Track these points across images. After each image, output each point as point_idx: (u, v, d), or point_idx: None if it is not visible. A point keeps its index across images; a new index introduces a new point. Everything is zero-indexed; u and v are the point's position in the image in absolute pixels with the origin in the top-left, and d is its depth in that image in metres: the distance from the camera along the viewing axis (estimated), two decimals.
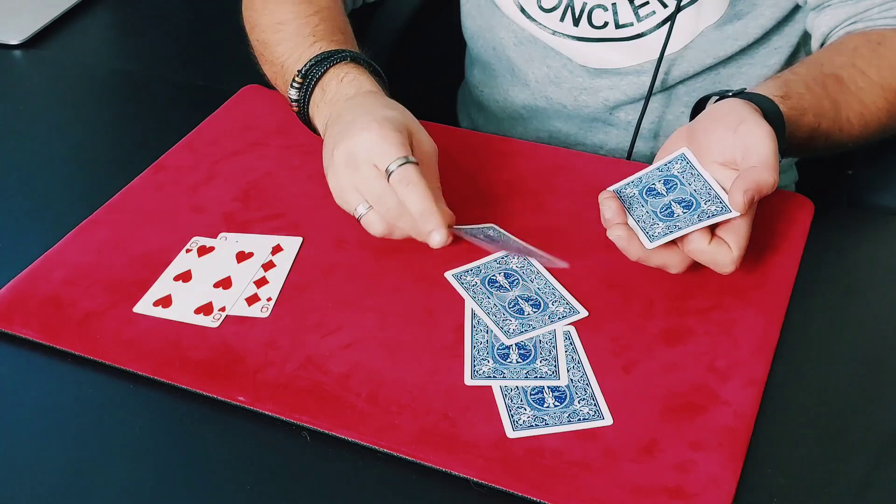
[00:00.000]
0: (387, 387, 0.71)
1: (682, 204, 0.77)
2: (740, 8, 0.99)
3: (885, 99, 0.91)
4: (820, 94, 0.88)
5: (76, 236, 0.86)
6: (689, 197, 0.77)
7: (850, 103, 0.90)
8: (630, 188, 0.80)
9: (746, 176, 0.74)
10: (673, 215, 0.77)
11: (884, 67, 0.92)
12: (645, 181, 0.80)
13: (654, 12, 1.00)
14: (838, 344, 0.75)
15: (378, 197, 0.78)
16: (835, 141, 0.90)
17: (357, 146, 0.78)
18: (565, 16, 1.03)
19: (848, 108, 0.89)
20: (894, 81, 0.92)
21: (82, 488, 0.67)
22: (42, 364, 0.76)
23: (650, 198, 0.78)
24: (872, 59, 0.92)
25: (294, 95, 0.90)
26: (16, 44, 1.17)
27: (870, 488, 0.65)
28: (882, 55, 0.92)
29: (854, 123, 0.90)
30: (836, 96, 0.89)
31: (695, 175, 0.78)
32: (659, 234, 0.76)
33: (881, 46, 0.93)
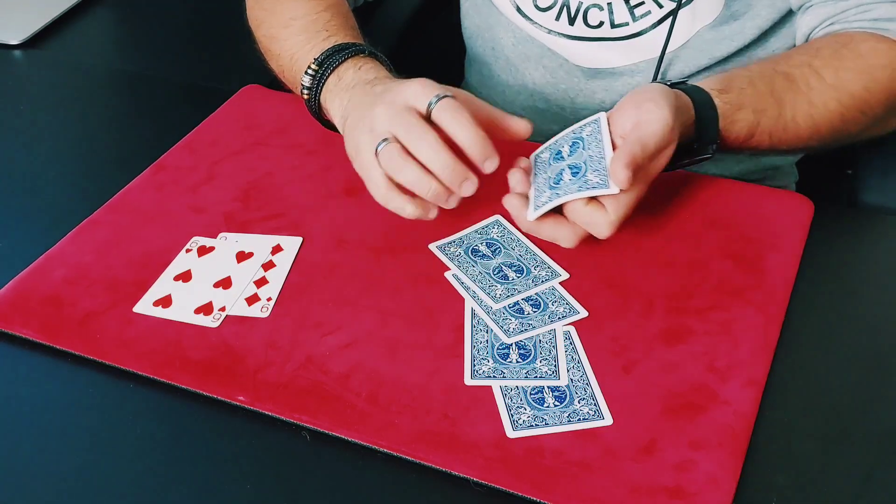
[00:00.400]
0: (387, 387, 0.71)
1: (573, 170, 0.75)
2: (736, 8, 0.99)
3: (838, 101, 0.88)
4: (763, 91, 0.87)
5: (76, 236, 0.86)
6: (582, 163, 0.75)
7: (797, 102, 0.88)
8: (546, 153, 0.79)
9: (625, 149, 0.74)
10: (560, 182, 0.75)
11: (841, 69, 0.89)
12: (557, 144, 0.79)
13: (649, 12, 1.00)
14: (838, 344, 0.75)
15: (409, 130, 0.75)
16: (780, 140, 0.89)
17: (397, 95, 0.78)
18: (560, 15, 1.04)
19: (794, 107, 0.88)
20: (851, 85, 0.89)
21: (82, 488, 0.67)
22: (42, 364, 0.76)
23: (554, 162, 0.78)
24: (831, 60, 0.90)
25: (307, 82, 0.89)
26: (16, 44, 1.17)
27: (870, 488, 0.65)
28: (843, 56, 0.90)
29: (801, 124, 0.88)
30: (782, 94, 0.88)
31: (597, 141, 0.77)
32: (542, 203, 0.75)
33: (844, 48, 0.91)
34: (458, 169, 0.75)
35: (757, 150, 0.91)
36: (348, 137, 0.83)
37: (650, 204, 0.87)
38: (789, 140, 0.89)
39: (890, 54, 0.91)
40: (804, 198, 0.88)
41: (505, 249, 0.82)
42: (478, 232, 0.84)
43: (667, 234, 0.83)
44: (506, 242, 0.83)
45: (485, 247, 0.82)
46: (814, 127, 0.89)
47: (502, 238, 0.83)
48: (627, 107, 0.79)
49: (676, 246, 0.82)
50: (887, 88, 0.91)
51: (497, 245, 0.82)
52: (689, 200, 0.87)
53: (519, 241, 0.82)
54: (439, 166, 0.75)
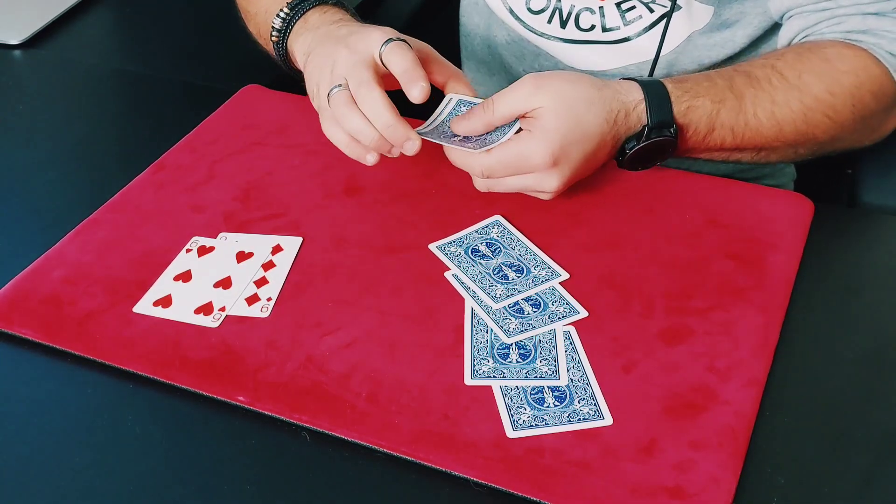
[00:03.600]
0: (387, 387, 0.71)
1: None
2: (727, 17, 0.99)
3: (801, 102, 0.87)
4: (722, 85, 0.87)
5: (76, 236, 0.86)
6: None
7: (758, 98, 0.87)
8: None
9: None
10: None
11: (804, 71, 0.88)
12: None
13: (640, 17, 1.01)
14: (838, 344, 0.75)
15: (360, 84, 0.81)
16: (744, 138, 0.88)
17: (359, 41, 0.84)
18: (553, 18, 1.04)
19: (755, 102, 0.87)
20: (814, 87, 0.88)
21: (82, 488, 0.67)
22: (42, 364, 0.76)
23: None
24: (795, 63, 0.89)
25: (277, 25, 0.94)
26: (16, 44, 1.17)
27: (870, 488, 0.65)
28: (806, 60, 0.89)
29: (763, 120, 0.87)
30: (742, 89, 0.87)
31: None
32: None
33: (808, 52, 0.90)
34: (398, 129, 0.79)
35: (723, 149, 0.89)
36: (309, 74, 0.88)
37: (650, 204, 0.87)
38: (753, 138, 0.88)
39: (855, 61, 0.90)
40: (804, 198, 0.88)
41: (505, 249, 0.82)
42: (478, 232, 0.84)
43: (667, 234, 0.83)
44: (506, 242, 0.83)
45: (485, 247, 0.82)
46: (777, 126, 0.88)
47: (502, 238, 0.83)
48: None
49: (676, 246, 0.82)
50: (852, 94, 0.89)
51: (497, 245, 0.82)
52: (689, 200, 0.87)
53: (519, 242, 0.83)
54: (381, 124, 0.80)
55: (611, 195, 0.88)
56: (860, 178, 1.05)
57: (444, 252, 0.82)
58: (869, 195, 1.04)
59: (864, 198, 1.04)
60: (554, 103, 0.80)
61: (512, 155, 0.81)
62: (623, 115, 0.83)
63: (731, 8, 0.98)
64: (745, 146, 0.89)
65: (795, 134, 0.89)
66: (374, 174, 0.91)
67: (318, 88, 0.85)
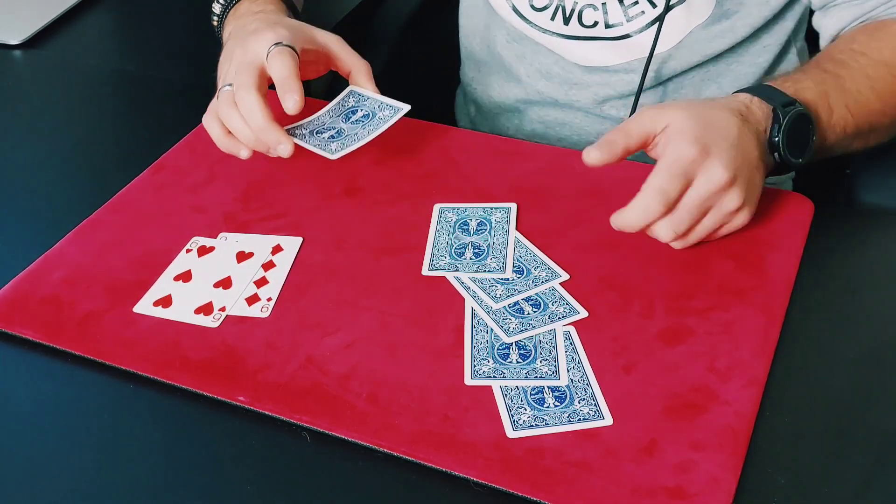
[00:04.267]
0: (387, 387, 0.71)
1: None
2: (728, 7, 1.00)
3: (893, 75, 0.90)
4: (815, 70, 0.89)
5: (76, 236, 0.86)
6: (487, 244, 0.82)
7: (853, 75, 0.89)
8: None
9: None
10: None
11: (884, 48, 0.91)
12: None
13: (643, 12, 1.01)
14: (838, 344, 0.75)
15: (240, 86, 0.85)
16: (860, 115, 0.89)
17: (254, 42, 0.88)
18: (556, 15, 1.05)
19: (853, 79, 0.89)
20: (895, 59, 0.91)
21: (82, 488, 0.67)
22: (42, 364, 0.76)
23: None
24: (870, 42, 0.92)
25: (217, 10, 1.01)
26: (16, 44, 1.17)
27: (870, 488, 0.65)
28: (879, 38, 0.92)
29: (868, 95, 0.89)
30: (835, 70, 0.89)
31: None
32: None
33: (878, 31, 0.93)
34: (269, 133, 0.84)
35: (846, 134, 0.89)
36: (219, 64, 0.94)
37: None
38: (867, 115, 0.90)
39: None
40: (804, 198, 0.88)
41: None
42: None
43: None
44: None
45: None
46: (880, 98, 0.90)
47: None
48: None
49: None
50: None
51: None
52: None
53: (519, 242, 0.82)
54: (254, 127, 0.85)
55: (611, 195, 0.88)
56: (859, 178, 1.05)
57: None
58: (868, 195, 1.04)
59: (863, 198, 1.04)
60: (679, 112, 0.79)
61: (669, 162, 0.77)
62: (745, 108, 0.82)
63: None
64: (862, 126, 0.90)
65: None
66: (374, 174, 0.91)
67: (218, 82, 0.91)
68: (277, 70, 0.85)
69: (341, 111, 0.90)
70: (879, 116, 0.91)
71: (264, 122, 0.84)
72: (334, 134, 0.87)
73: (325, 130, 0.88)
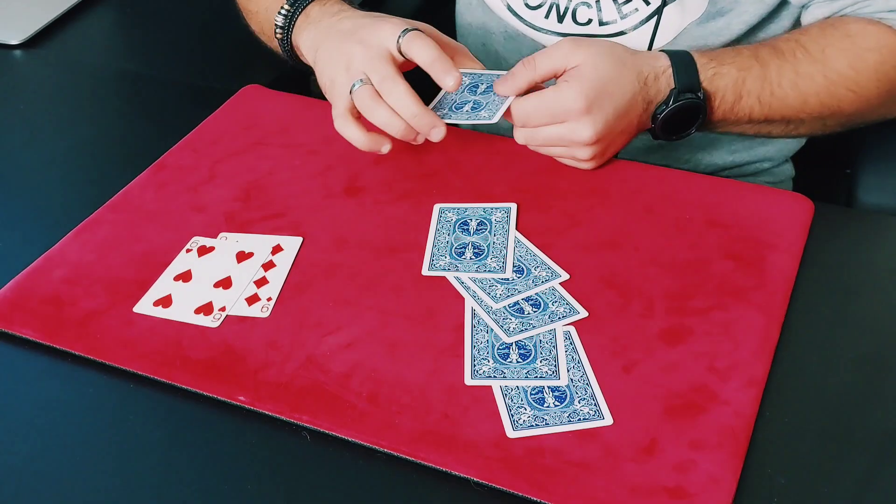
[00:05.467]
0: (387, 387, 0.71)
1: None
2: (722, 5, 1.00)
3: (824, 75, 0.90)
4: (747, 54, 0.90)
5: (76, 236, 0.86)
6: None
7: (782, 68, 0.90)
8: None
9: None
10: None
11: (827, 46, 0.91)
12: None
13: (636, 10, 1.01)
14: (838, 344, 0.75)
15: (383, 79, 0.84)
16: (770, 108, 0.90)
17: (370, 35, 0.86)
18: (550, 13, 1.05)
19: (779, 72, 0.90)
20: (836, 62, 0.91)
21: (82, 488, 0.67)
22: (42, 364, 0.76)
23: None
24: (818, 37, 0.92)
25: (280, 22, 0.96)
26: (16, 44, 1.17)
27: (870, 488, 0.65)
28: (829, 35, 0.92)
29: (788, 91, 0.90)
30: (767, 59, 0.90)
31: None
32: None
33: (832, 28, 0.93)
34: (425, 118, 0.84)
35: (752, 121, 0.92)
36: (321, 70, 0.90)
37: (650, 204, 0.87)
38: (780, 108, 0.91)
39: (881, 38, 0.92)
40: (804, 198, 0.88)
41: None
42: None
43: (667, 234, 0.83)
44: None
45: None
46: (801, 97, 0.90)
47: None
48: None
49: (676, 246, 0.82)
50: (876, 70, 0.91)
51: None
52: (689, 200, 0.87)
53: (519, 242, 0.83)
54: (409, 115, 0.84)
55: (611, 195, 0.88)
56: (859, 178, 1.05)
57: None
58: (868, 195, 1.04)
59: (864, 198, 1.04)
60: (592, 59, 0.84)
61: (548, 100, 0.84)
62: (653, 77, 0.87)
63: None
64: (773, 117, 0.91)
65: (820, 106, 0.91)
66: (374, 174, 0.91)
67: (333, 84, 0.88)
68: (423, 54, 0.84)
69: (462, 89, 0.88)
70: (796, 112, 0.92)
71: (419, 108, 0.83)
72: (473, 105, 0.86)
73: (462, 105, 0.87)
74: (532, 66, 0.85)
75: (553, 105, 0.84)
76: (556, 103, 0.84)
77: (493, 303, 0.77)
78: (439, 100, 0.88)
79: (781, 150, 1.13)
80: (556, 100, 0.84)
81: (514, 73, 0.86)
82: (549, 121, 0.85)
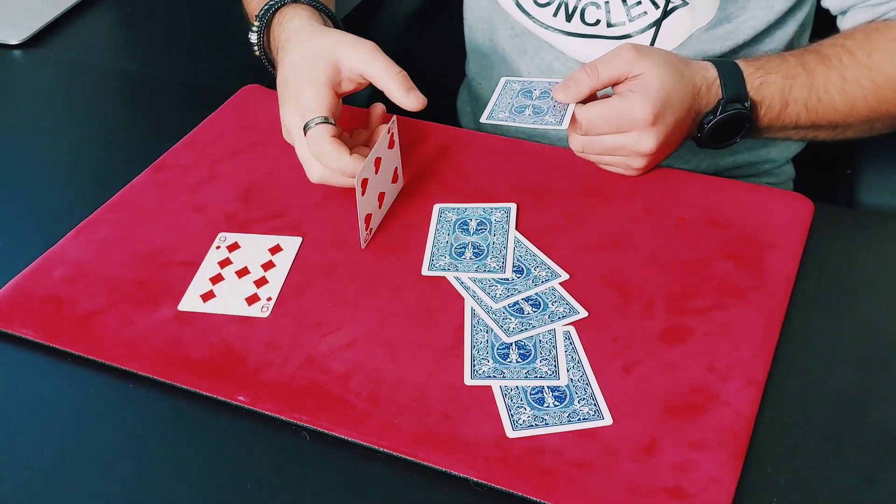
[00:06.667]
0: (387, 387, 0.71)
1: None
2: (731, 11, 1.00)
3: (871, 80, 0.90)
4: (793, 62, 0.90)
5: (77, 236, 0.86)
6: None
7: (828, 74, 0.90)
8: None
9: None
10: None
11: (874, 51, 0.91)
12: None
13: (645, 13, 1.01)
14: (838, 344, 0.75)
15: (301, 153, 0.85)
16: (818, 114, 0.90)
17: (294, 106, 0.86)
18: (558, 11, 1.05)
19: (826, 78, 0.90)
20: (884, 66, 0.91)
21: (82, 488, 0.67)
22: (42, 364, 0.76)
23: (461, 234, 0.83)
24: (864, 42, 0.92)
25: (254, 39, 0.97)
26: (16, 44, 1.17)
27: (870, 488, 0.65)
28: (875, 39, 0.92)
29: (835, 97, 0.90)
30: (814, 67, 0.90)
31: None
32: None
33: (877, 33, 0.93)
34: (342, 165, 0.82)
35: (798, 127, 0.92)
36: (282, 99, 0.89)
37: (650, 204, 0.87)
38: (827, 114, 0.91)
39: None
40: (804, 198, 0.88)
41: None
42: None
43: (667, 234, 0.83)
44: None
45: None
46: (849, 102, 0.90)
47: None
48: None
49: (676, 246, 0.82)
50: None
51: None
52: (689, 200, 0.87)
53: (519, 242, 0.83)
54: (337, 171, 0.83)
55: (611, 195, 0.88)
56: (860, 178, 1.05)
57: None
58: (868, 195, 1.04)
59: (864, 198, 1.04)
60: (655, 69, 0.84)
61: (615, 109, 0.84)
62: (704, 88, 0.87)
63: (736, 3, 0.99)
64: (820, 123, 0.92)
65: (868, 111, 0.92)
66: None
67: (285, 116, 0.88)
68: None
69: (515, 93, 0.88)
70: (843, 117, 0.92)
71: (337, 162, 0.82)
72: (535, 110, 0.86)
73: (523, 109, 0.87)
74: (595, 73, 0.84)
75: (620, 115, 0.84)
76: (624, 113, 0.84)
77: (493, 303, 0.77)
78: (496, 102, 0.88)
79: (783, 151, 1.13)
80: (624, 110, 0.83)
81: (575, 79, 0.85)
82: (614, 130, 0.85)
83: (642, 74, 0.84)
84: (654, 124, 0.83)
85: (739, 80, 0.88)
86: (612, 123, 0.84)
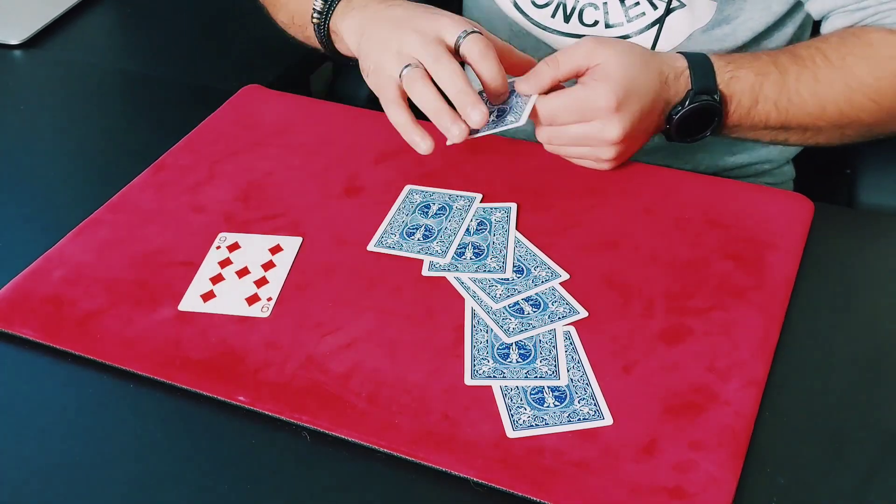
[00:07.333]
0: (387, 387, 0.71)
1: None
2: (729, 12, 1.00)
3: (845, 83, 0.90)
4: (766, 60, 0.90)
5: (76, 236, 0.86)
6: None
7: (801, 75, 0.89)
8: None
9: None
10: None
11: (847, 54, 0.90)
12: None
13: (643, 13, 1.01)
14: (838, 344, 0.75)
15: (437, 59, 0.82)
16: (788, 114, 0.90)
17: (428, 25, 0.84)
18: (557, 12, 1.05)
19: (798, 78, 0.89)
20: (857, 70, 0.90)
21: (82, 488, 0.67)
22: (42, 364, 0.76)
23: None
24: (839, 45, 0.91)
25: (319, 6, 0.94)
26: (16, 44, 1.17)
27: (870, 488, 0.65)
28: (850, 44, 0.92)
29: (807, 98, 0.89)
30: (787, 65, 0.89)
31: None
32: None
33: (853, 37, 0.92)
34: (470, 95, 0.81)
35: (768, 127, 0.91)
36: (366, 55, 0.88)
37: (650, 204, 0.87)
38: (797, 116, 0.90)
39: None
40: (804, 198, 0.88)
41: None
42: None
43: (667, 233, 0.84)
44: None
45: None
46: (820, 104, 0.90)
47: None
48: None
49: (676, 246, 0.82)
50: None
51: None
52: (689, 200, 0.87)
53: (519, 242, 0.82)
54: (454, 90, 0.81)
55: (611, 195, 0.88)
56: (859, 178, 1.05)
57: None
58: (868, 195, 1.04)
59: (864, 198, 1.04)
60: (616, 58, 0.84)
61: (577, 98, 0.84)
62: (673, 77, 0.87)
63: (734, 4, 0.99)
64: (790, 124, 0.91)
65: (839, 115, 0.91)
66: (374, 174, 0.91)
67: (380, 68, 0.85)
68: (483, 67, 0.83)
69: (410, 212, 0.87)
70: (814, 120, 0.91)
71: (466, 86, 0.81)
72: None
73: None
74: (555, 64, 0.85)
75: (582, 103, 0.84)
76: (586, 101, 0.84)
77: (493, 303, 0.77)
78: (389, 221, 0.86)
79: (783, 151, 1.13)
80: (586, 98, 0.83)
81: (536, 71, 0.85)
82: (578, 119, 0.85)
83: (603, 63, 0.84)
84: (618, 111, 0.83)
85: (709, 71, 0.88)
86: (574, 112, 0.84)
